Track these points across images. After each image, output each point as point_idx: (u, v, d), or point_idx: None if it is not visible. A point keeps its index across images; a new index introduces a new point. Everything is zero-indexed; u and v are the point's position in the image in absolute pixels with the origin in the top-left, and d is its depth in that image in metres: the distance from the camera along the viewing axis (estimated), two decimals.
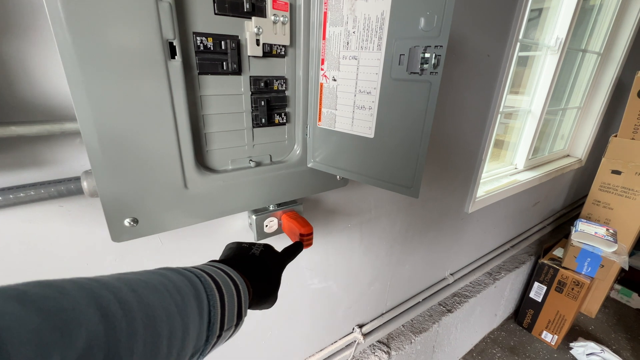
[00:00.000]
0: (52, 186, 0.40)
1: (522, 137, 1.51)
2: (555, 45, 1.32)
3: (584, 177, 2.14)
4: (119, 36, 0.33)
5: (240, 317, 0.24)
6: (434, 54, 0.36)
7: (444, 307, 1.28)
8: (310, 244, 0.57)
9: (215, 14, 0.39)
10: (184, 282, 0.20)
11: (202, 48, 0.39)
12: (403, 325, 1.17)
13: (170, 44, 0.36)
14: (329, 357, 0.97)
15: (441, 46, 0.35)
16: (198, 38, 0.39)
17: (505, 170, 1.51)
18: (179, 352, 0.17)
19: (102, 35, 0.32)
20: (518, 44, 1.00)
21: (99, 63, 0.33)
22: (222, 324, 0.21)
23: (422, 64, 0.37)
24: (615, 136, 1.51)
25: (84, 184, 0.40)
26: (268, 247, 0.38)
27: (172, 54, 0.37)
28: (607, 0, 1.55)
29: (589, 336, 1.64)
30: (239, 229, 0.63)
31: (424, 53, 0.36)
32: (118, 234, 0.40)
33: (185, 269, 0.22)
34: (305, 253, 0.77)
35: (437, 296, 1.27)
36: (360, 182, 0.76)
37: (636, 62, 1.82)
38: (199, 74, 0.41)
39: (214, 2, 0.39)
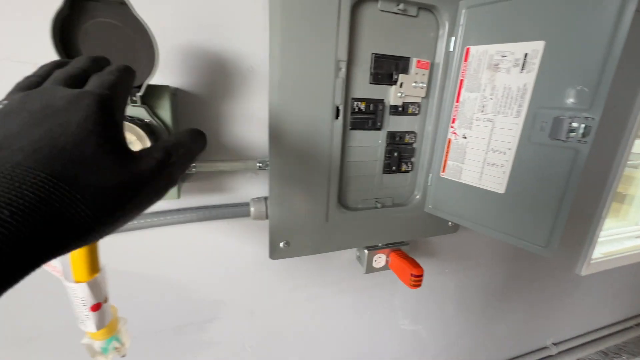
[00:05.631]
0: (231, 208, 0.53)
1: None
2: None
3: None
4: (306, 104, 0.44)
5: None
6: (583, 124, 0.38)
7: None
8: (419, 286, 0.59)
9: (370, 83, 0.48)
10: None
11: (356, 110, 0.49)
12: None
13: (337, 108, 0.46)
14: None
15: (593, 118, 0.37)
16: (355, 102, 0.48)
17: (629, 231, 1.29)
18: None
19: (295, 105, 0.43)
20: None
21: (291, 122, 0.44)
22: None
23: (568, 132, 0.39)
24: None
25: (252, 209, 0.51)
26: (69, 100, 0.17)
27: (337, 116, 0.47)
28: None
29: None
30: (346, 261, 0.69)
31: (570, 123, 0.39)
32: (275, 253, 0.49)
33: None
34: (401, 292, 0.78)
35: None
36: (477, 232, 0.76)
37: None
38: (350, 129, 0.50)
39: (370, 75, 0.48)
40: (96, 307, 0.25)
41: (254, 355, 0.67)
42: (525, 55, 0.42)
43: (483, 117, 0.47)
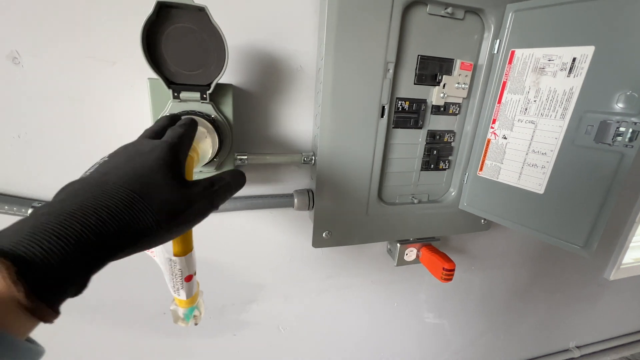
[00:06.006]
0: (276, 199, 0.57)
1: None
2: None
3: None
4: (354, 103, 0.47)
5: None
6: (631, 129, 0.39)
7: None
8: (450, 280, 0.62)
9: (414, 84, 0.51)
10: None
11: (400, 109, 0.51)
12: None
13: (383, 107, 0.49)
14: None
15: None
16: (399, 102, 0.51)
17: None
18: None
19: (344, 104, 0.46)
20: None
21: (339, 120, 0.47)
22: None
23: (615, 136, 0.40)
24: None
25: (295, 200, 0.55)
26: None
27: (382, 114, 0.49)
28: None
29: None
30: (376, 254, 0.72)
31: (618, 127, 0.40)
32: (318, 241, 0.53)
33: None
34: (427, 286, 0.81)
35: None
36: (508, 230, 0.78)
37: None
38: (393, 127, 0.52)
39: (415, 76, 0.50)
40: (189, 278, 0.29)
41: (287, 337, 0.72)
42: (574, 59, 0.43)
43: (525, 119, 0.49)
